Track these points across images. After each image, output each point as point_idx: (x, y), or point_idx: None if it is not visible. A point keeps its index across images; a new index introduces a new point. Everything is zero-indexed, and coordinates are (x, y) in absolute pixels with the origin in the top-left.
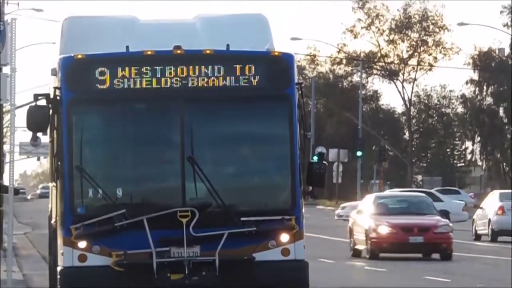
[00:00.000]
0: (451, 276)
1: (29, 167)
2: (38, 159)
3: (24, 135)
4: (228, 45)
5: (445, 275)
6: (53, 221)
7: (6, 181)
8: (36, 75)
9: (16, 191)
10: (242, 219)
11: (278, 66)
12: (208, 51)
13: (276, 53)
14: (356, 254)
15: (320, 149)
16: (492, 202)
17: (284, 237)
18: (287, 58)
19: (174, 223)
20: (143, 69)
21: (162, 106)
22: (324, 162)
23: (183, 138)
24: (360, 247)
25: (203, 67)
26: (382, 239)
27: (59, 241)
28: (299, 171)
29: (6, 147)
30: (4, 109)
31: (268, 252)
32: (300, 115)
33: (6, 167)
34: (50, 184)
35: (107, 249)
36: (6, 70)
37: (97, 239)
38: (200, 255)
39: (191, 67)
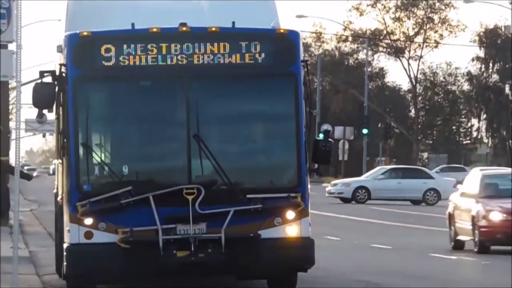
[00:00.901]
0: None
1: (35, 144)
2: (44, 136)
3: (30, 112)
4: (233, 23)
5: None
6: (59, 198)
7: (12, 158)
8: (41, 52)
9: (29, 177)
10: (248, 196)
11: (283, 43)
12: (213, 29)
13: (282, 31)
14: (458, 246)
15: (326, 126)
16: (472, 181)
17: (290, 215)
18: (292, 36)
19: (180, 201)
20: (149, 47)
21: (167, 84)
22: (330, 139)
23: (189, 115)
24: (464, 238)
25: (208, 44)
26: (494, 228)
27: (65, 218)
28: (304, 149)
29: (12, 124)
30: (10, 86)
31: (273, 229)
32: (306, 93)
33: (12, 144)
34: (56, 161)
35: (113, 226)
36: (12, 47)
37: (103, 216)
38: (206, 232)
39: (196, 45)
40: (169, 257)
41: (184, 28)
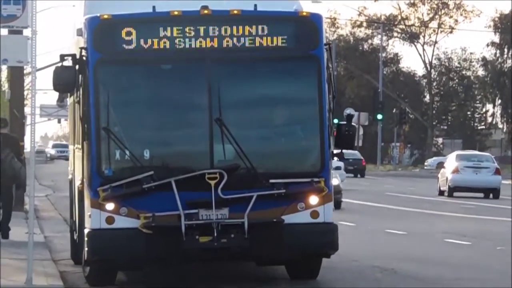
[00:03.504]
0: None
1: (50, 129)
2: (59, 121)
3: (45, 98)
4: (255, 5)
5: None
6: (78, 183)
7: (27, 143)
8: (55, 38)
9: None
10: (271, 181)
11: (306, 26)
12: (235, 12)
13: (304, 13)
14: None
15: (349, 110)
16: (450, 162)
17: (313, 200)
18: (315, 19)
19: (202, 185)
20: (170, 30)
21: (189, 67)
22: (353, 123)
23: (211, 99)
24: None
25: (230, 27)
26: None
27: (86, 203)
28: (328, 133)
29: (27, 110)
30: (25, 72)
31: (297, 214)
32: (329, 76)
33: (28, 130)
34: (71, 146)
35: (135, 211)
36: (27, 32)
37: (125, 201)
38: (228, 217)
39: (218, 28)
40: (191, 243)
41: (205, 11)
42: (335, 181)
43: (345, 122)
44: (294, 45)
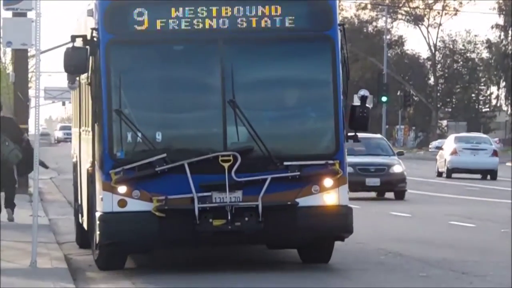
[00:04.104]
0: None
1: (54, 112)
2: (64, 104)
3: (49, 80)
4: None
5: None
6: (88, 166)
7: (31, 126)
8: (59, 20)
9: (45, 166)
10: (285, 163)
11: (320, 7)
12: None
13: None
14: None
15: (363, 92)
16: (448, 144)
17: (328, 182)
18: None
19: (215, 168)
20: (182, 10)
21: (201, 48)
22: (367, 105)
23: (224, 81)
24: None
25: (243, 8)
26: None
27: (98, 186)
28: (342, 115)
29: (31, 92)
30: (29, 54)
31: (311, 197)
32: (343, 58)
33: (32, 112)
34: (75, 129)
35: (148, 194)
36: (31, 15)
37: (138, 184)
38: (242, 200)
39: (230, 8)
40: (205, 226)
41: None
42: (398, 168)
43: (359, 104)
44: (308, 25)
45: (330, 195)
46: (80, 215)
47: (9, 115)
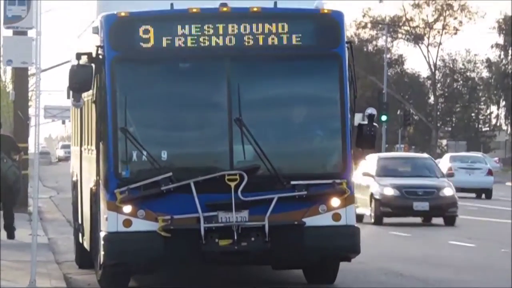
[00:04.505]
0: None
1: (54, 130)
2: (64, 122)
3: (49, 99)
4: (275, 3)
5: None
6: (91, 185)
7: (31, 145)
8: (60, 39)
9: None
10: (292, 182)
11: (327, 24)
12: (255, 9)
13: (326, 11)
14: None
15: (370, 110)
16: (444, 163)
17: (335, 202)
18: (336, 16)
19: (222, 187)
20: (188, 28)
21: (208, 66)
22: (375, 124)
23: (230, 98)
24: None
25: (250, 25)
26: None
27: (103, 205)
28: (350, 134)
29: (31, 111)
30: (29, 72)
31: (318, 217)
32: (350, 76)
33: (32, 131)
34: (75, 147)
35: (153, 213)
36: (31, 33)
37: (143, 204)
38: (248, 220)
39: (237, 25)
40: (211, 246)
41: (224, 9)
42: (448, 191)
43: (366, 122)
44: (315, 43)
45: (337, 214)
46: (80, 235)
47: (8, 133)
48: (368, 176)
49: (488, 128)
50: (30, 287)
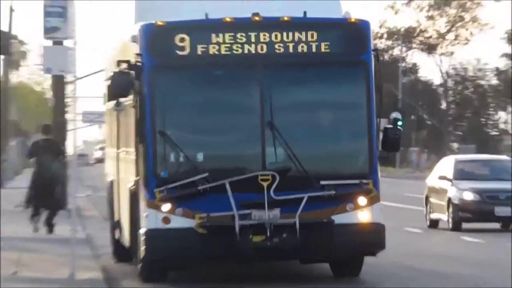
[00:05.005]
0: None
1: (91, 134)
2: (100, 126)
3: (86, 105)
4: (305, 12)
5: None
6: (130, 185)
7: (69, 148)
8: (94, 48)
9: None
10: (322, 182)
11: (355, 32)
12: (286, 18)
13: (353, 20)
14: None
15: (395, 114)
16: (448, 165)
17: (362, 201)
18: (363, 25)
19: (255, 187)
20: (223, 36)
21: (241, 72)
22: (399, 127)
23: (262, 103)
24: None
25: (280, 33)
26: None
27: (142, 204)
28: (376, 136)
29: (69, 116)
30: (66, 80)
31: (346, 214)
32: (376, 81)
33: (70, 135)
34: (111, 149)
35: (190, 211)
36: (68, 43)
37: (181, 202)
38: (280, 217)
39: (269, 34)
40: (245, 242)
41: (256, 18)
42: None
43: (391, 126)
44: (343, 50)
45: (364, 213)
46: (117, 231)
47: (53, 138)
48: (445, 180)
49: (497, 133)
50: (69, 279)
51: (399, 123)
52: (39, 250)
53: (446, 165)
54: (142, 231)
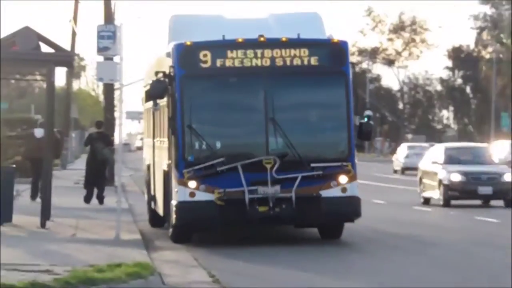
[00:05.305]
0: None
1: (133, 128)
2: (139, 122)
3: (129, 105)
4: (298, 34)
5: None
6: (164, 167)
7: (116, 138)
8: (135, 62)
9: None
10: (312, 165)
11: (337, 50)
12: (284, 39)
13: (335, 40)
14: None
15: (368, 112)
16: (402, 150)
17: (343, 179)
18: (343, 44)
19: (260, 168)
20: (236, 53)
21: (250, 80)
22: (371, 122)
23: (266, 104)
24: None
25: (280, 51)
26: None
27: (174, 182)
28: (353, 129)
29: (116, 114)
30: (114, 87)
31: (331, 190)
32: (353, 87)
33: (117, 128)
34: (147, 139)
35: (211, 187)
36: (116, 59)
37: (203, 180)
38: (280, 192)
39: (271, 51)
40: (253, 211)
41: (262, 39)
42: (508, 177)
43: (365, 121)
44: (328, 63)
45: (344, 188)
46: (152, 203)
47: (104, 131)
48: (436, 164)
49: (440, 127)
50: (115, 239)
51: (369, 119)
52: (92, 217)
53: (438, 151)
54: (173, 202)
